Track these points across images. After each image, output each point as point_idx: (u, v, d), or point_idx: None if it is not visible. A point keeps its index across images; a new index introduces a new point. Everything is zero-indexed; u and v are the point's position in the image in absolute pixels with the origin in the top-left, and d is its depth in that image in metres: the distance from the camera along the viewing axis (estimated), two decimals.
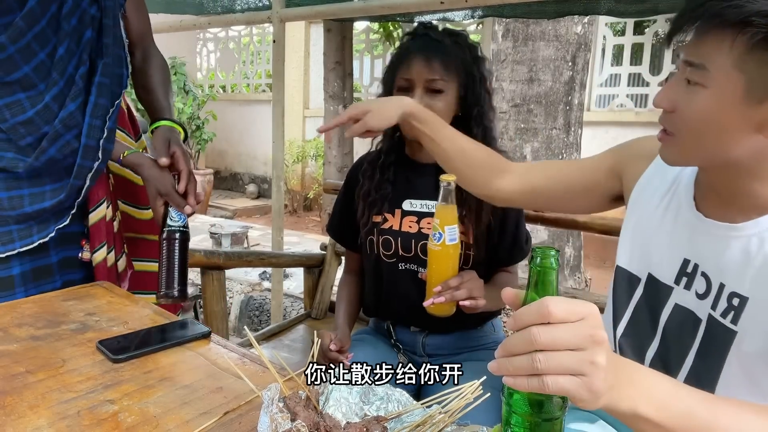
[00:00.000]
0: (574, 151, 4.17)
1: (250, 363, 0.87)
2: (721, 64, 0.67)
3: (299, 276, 2.53)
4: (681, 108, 0.72)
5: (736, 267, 0.75)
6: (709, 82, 0.68)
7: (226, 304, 1.70)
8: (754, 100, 0.66)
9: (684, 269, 0.82)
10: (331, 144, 5.70)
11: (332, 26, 5.42)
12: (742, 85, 0.66)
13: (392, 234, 1.25)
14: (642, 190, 0.92)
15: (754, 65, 0.65)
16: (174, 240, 1.09)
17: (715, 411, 0.55)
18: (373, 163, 1.31)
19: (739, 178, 0.74)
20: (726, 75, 0.67)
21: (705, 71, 0.68)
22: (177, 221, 1.11)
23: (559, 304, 0.49)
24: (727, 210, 0.77)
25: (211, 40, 8.59)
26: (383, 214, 1.27)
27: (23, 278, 1.14)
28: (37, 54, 1.07)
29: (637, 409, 0.52)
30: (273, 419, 0.62)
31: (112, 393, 0.76)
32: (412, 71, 1.17)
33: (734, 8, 0.64)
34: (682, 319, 0.82)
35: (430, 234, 1.06)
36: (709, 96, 0.69)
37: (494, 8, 2.32)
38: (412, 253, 1.23)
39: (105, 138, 1.15)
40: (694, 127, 0.71)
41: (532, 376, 0.49)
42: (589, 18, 3.92)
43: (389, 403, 0.71)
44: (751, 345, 0.72)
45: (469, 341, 1.31)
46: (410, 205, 1.26)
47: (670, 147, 0.77)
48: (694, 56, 0.70)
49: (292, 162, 7.32)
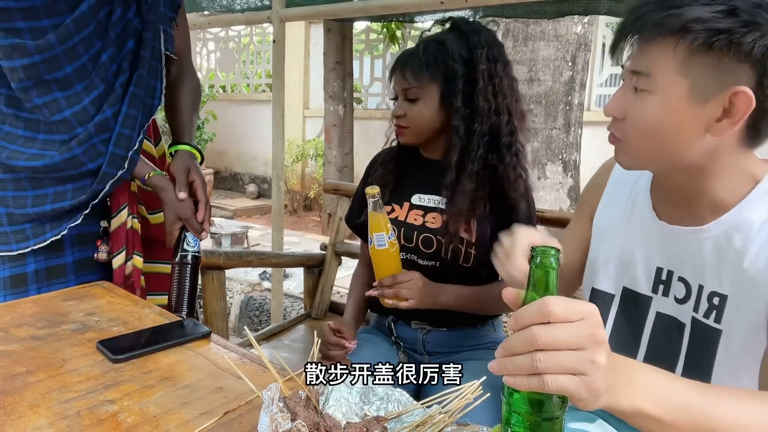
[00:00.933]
0: (574, 151, 4.17)
1: (250, 363, 0.87)
2: (665, 70, 0.70)
3: (299, 276, 2.53)
4: (631, 115, 0.75)
5: (712, 267, 0.77)
6: (655, 88, 0.72)
7: (226, 304, 1.70)
8: (700, 102, 0.70)
9: (659, 277, 0.85)
10: (331, 144, 5.71)
11: (332, 26, 5.41)
12: (687, 88, 0.70)
13: (396, 224, 1.28)
14: (604, 211, 0.95)
15: (696, 69, 0.68)
16: (187, 265, 1.15)
17: (712, 401, 0.56)
18: (389, 156, 1.37)
19: (697, 180, 0.76)
20: (671, 80, 0.70)
21: (650, 78, 0.72)
22: (193, 246, 1.17)
23: (559, 304, 0.49)
24: (689, 214, 0.80)
25: (211, 40, 8.59)
26: (392, 205, 1.31)
27: (37, 276, 1.15)
28: (81, 56, 1.10)
29: (637, 407, 0.53)
30: (273, 419, 0.62)
31: (112, 393, 0.76)
32: (394, 81, 1.26)
33: (673, 17, 0.68)
34: (666, 326, 0.83)
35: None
36: (656, 101, 0.72)
37: (494, 8, 2.32)
38: (413, 244, 1.26)
39: (135, 149, 1.17)
40: (646, 132, 0.74)
41: (532, 375, 0.49)
42: (589, 18, 3.92)
43: (389, 403, 0.71)
44: (737, 341, 0.74)
45: (470, 340, 1.32)
46: (419, 200, 1.29)
47: (624, 152, 0.79)
48: (639, 65, 0.73)
49: (292, 162, 7.32)
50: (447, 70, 1.19)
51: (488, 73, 1.19)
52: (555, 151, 4.09)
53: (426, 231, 1.25)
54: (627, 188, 0.92)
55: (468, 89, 1.20)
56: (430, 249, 1.24)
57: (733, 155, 0.74)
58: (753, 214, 0.74)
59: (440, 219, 1.24)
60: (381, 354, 1.31)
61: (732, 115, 0.69)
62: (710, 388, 0.58)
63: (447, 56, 1.19)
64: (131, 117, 1.16)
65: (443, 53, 1.20)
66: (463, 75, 1.19)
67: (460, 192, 1.19)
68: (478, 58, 1.19)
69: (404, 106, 1.24)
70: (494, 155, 1.21)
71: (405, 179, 1.33)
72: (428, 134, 1.25)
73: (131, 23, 1.16)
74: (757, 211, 0.74)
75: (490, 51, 1.20)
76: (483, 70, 1.19)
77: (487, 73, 1.19)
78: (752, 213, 0.74)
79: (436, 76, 1.20)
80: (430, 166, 1.31)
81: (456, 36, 1.22)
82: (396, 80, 1.25)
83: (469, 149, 1.20)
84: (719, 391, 0.59)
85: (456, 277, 1.23)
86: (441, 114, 1.22)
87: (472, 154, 1.19)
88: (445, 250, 1.22)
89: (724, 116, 0.69)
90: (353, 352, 1.26)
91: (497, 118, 1.20)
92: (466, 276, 1.23)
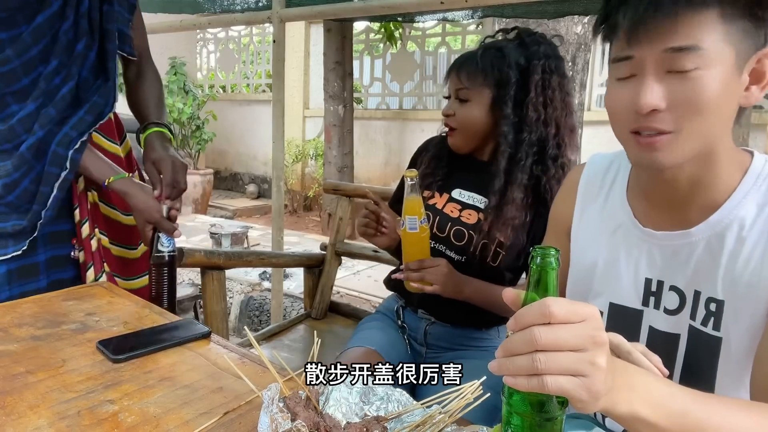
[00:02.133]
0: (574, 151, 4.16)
1: (250, 363, 0.87)
2: (714, 41, 0.64)
3: (299, 276, 2.53)
4: (679, 101, 0.65)
5: (705, 271, 0.74)
6: (707, 62, 0.64)
7: (226, 304, 1.70)
8: (740, 70, 0.66)
9: (648, 289, 0.80)
10: (331, 144, 5.71)
11: (332, 26, 5.41)
12: (733, 58, 0.65)
13: (433, 211, 1.30)
14: (579, 226, 0.91)
15: (737, 35, 0.65)
16: (163, 266, 1.15)
17: (708, 409, 0.55)
18: (439, 146, 1.39)
19: (702, 168, 0.71)
20: (720, 50, 0.64)
21: (699, 51, 0.64)
22: (167, 246, 1.16)
23: (560, 305, 0.49)
24: (676, 217, 0.76)
25: (211, 40, 8.59)
26: (432, 191, 1.33)
27: (9, 277, 1.14)
28: (37, 68, 1.11)
29: (635, 412, 0.53)
30: (273, 419, 0.62)
31: (112, 393, 0.76)
32: (449, 82, 1.30)
33: None
34: (660, 341, 0.80)
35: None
36: (712, 77, 0.64)
37: (494, 8, 2.32)
38: (445, 234, 1.28)
39: (76, 149, 1.15)
40: (703, 113, 0.65)
41: (532, 376, 0.49)
42: (589, 18, 3.92)
43: (389, 403, 0.71)
44: (739, 348, 0.72)
45: (471, 341, 1.32)
46: (459, 194, 1.32)
47: (673, 148, 0.68)
48: (682, 40, 0.64)
49: (291, 162, 7.32)
50: (501, 76, 1.22)
51: (542, 84, 1.22)
52: None
53: (460, 224, 1.27)
54: (599, 200, 0.87)
55: (519, 97, 1.22)
56: (461, 242, 1.26)
57: (728, 133, 0.71)
58: (743, 211, 0.71)
59: (476, 216, 1.26)
60: (388, 336, 1.34)
61: (761, 79, 0.66)
62: (708, 396, 0.58)
63: (503, 63, 1.23)
64: (85, 122, 1.16)
65: (500, 60, 1.23)
66: (516, 83, 1.22)
67: (508, 200, 1.21)
68: (533, 69, 1.22)
69: (454, 105, 1.27)
70: (539, 166, 1.23)
71: (449, 171, 1.35)
72: (476, 138, 1.28)
73: (81, 26, 1.16)
74: (746, 207, 0.71)
75: (547, 63, 1.23)
76: (537, 81, 1.21)
77: (540, 83, 1.22)
78: (742, 209, 0.71)
79: (489, 80, 1.23)
80: (475, 166, 1.32)
81: (517, 45, 1.25)
82: (450, 80, 1.28)
83: (517, 158, 1.22)
84: (716, 400, 0.58)
85: (480, 274, 1.24)
86: (490, 118, 1.25)
87: (521, 164, 1.22)
88: (475, 246, 1.24)
89: (753, 82, 0.67)
90: (362, 332, 1.29)
91: (545, 129, 1.23)
92: (490, 275, 1.24)
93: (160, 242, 1.16)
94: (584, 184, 0.91)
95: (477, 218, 1.26)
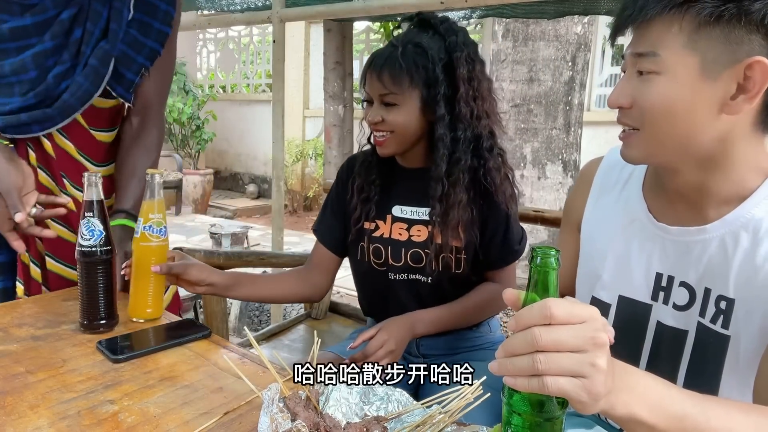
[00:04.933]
0: (574, 151, 4.17)
1: (250, 363, 0.87)
2: (671, 47, 0.66)
3: None
4: (639, 100, 0.70)
5: (718, 268, 0.74)
6: (663, 68, 0.67)
7: (226, 304, 1.70)
8: (711, 78, 0.66)
9: (659, 284, 0.81)
10: (331, 144, 5.70)
11: (332, 26, 5.41)
12: (697, 64, 0.66)
13: (382, 242, 1.22)
14: (591, 219, 0.91)
15: (704, 42, 0.65)
16: (87, 263, 0.93)
17: (707, 412, 0.55)
18: (366, 165, 1.28)
19: (705, 174, 0.72)
20: (678, 56, 0.66)
21: (656, 57, 0.68)
22: (89, 239, 0.92)
23: (561, 306, 0.49)
24: (691, 213, 0.76)
25: (211, 40, 8.59)
26: (375, 221, 1.24)
27: None
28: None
29: (633, 413, 0.53)
30: (273, 419, 0.62)
31: (112, 393, 0.76)
32: (368, 85, 1.17)
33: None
34: (668, 335, 0.80)
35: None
36: (665, 81, 0.68)
37: (494, 8, 2.32)
38: (402, 263, 1.21)
39: None
40: (657, 115, 0.69)
41: (532, 376, 0.49)
42: (589, 18, 3.92)
43: (389, 403, 0.71)
44: (747, 348, 0.72)
45: (465, 342, 1.30)
46: (401, 212, 1.23)
47: (635, 144, 0.73)
48: (642, 46, 0.69)
49: (291, 162, 7.32)
50: (428, 75, 1.13)
51: (468, 77, 1.15)
52: (555, 151, 4.09)
53: (413, 246, 1.19)
54: (614, 192, 0.88)
55: (449, 95, 1.14)
56: (421, 263, 1.19)
57: (745, 142, 0.70)
58: (761, 212, 0.71)
59: (425, 231, 1.18)
60: None
61: (748, 89, 0.65)
62: (707, 399, 0.58)
63: (427, 60, 1.13)
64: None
65: (423, 57, 1.13)
66: (444, 80, 1.14)
67: (453, 203, 1.14)
68: (457, 62, 1.13)
69: (381, 111, 1.14)
70: (477, 160, 1.16)
71: (383, 190, 1.25)
72: (409, 143, 1.18)
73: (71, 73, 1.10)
74: (764, 208, 0.70)
75: (468, 53, 1.15)
76: (463, 75, 1.13)
77: (467, 77, 1.14)
78: (760, 210, 0.71)
79: (416, 81, 1.12)
80: (409, 176, 1.24)
81: (431, 36, 1.17)
82: (371, 84, 1.15)
83: (455, 158, 1.14)
84: (715, 402, 0.58)
85: (452, 287, 1.20)
86: (422, 121, 1.16)
87: (461, 163, 1.14)
88: (436, 264, 1.17)
89: (740, 92, 0.66)
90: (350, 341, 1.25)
91: (478, 123, 1.16)
92: (462, 285, 1.20)
93: (80, 234, 0.93)
94: (600, 175, 0.92)
95: (427, 232, 1.18)
